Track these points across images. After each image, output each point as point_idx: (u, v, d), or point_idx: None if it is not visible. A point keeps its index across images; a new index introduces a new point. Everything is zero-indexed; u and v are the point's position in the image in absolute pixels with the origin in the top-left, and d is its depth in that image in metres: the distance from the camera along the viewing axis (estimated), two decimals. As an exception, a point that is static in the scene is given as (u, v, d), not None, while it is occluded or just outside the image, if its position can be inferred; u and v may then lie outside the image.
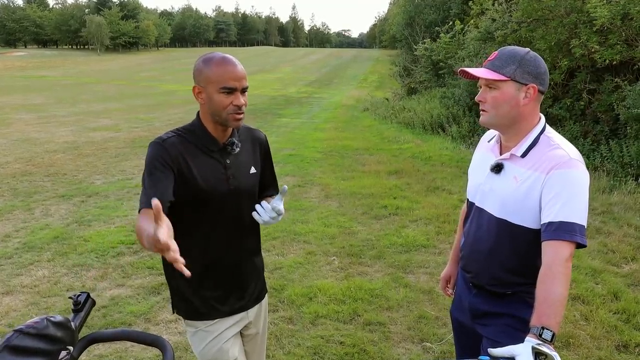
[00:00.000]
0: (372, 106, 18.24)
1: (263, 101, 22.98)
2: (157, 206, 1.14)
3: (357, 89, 31.20)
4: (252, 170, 1.77)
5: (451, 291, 2.01)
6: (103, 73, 46.41)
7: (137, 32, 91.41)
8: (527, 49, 1.53)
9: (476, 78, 1.55)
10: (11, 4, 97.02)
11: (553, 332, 1.24)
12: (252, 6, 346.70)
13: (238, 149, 1.71)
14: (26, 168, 8.30)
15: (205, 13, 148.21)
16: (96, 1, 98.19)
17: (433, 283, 3.95)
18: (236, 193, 1.70)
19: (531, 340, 1.21)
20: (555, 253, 1.38)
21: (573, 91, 8.39)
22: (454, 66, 12.34)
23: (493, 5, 10.56)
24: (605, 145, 7.21)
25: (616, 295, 3.68)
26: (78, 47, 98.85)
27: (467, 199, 1.78)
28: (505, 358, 1.18)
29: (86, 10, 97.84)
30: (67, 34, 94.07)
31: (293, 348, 3.08)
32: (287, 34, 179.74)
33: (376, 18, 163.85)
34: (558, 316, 1.28)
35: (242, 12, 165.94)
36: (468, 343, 1.83)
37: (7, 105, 19.50)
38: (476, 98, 1.58)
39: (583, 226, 1.40)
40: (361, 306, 3.60)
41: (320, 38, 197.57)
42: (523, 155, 1.54)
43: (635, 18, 6.96)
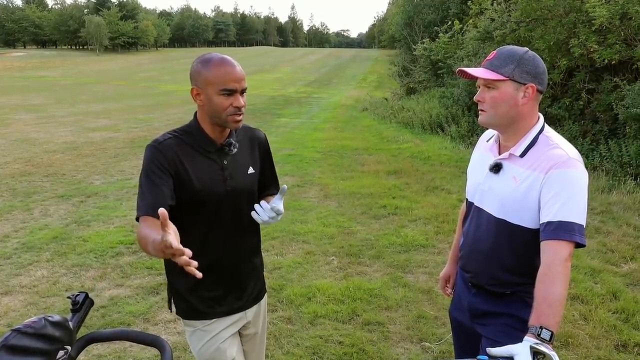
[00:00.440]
0: (371, 106, 18.24)
1: (262, 101, 22.98)
2: (164, 214, 1.15)
3: (356, 89, 31.20)
4: (250, 170, 1.76)
5: (450, 291, 2.01)
6: (102, 73, 46.39)
7: (136, 33, 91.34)
8: (526, 49, 1.53)
9: (475, 78, 1.55)
10: (10, 5, 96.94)
11: (552, 332, 1.24)
12: (251, 6, 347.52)
13: (236, 150, 1.70)
14: (25, 168, 8.29)
15: (204, 13, 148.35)
16: (95, 1, 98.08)
17: (432, 283, 3.95)
18: (234, 193, 1.70)
19: (530, 339, 1.21)
20: (554, 253, 1.37)
21: (572, 91, 8.39)
22: (453, 66, 12.34)
23: (492, 5, 10.56)
24: (604, 144, 7.22)
25: (615, 294, 3.68)
26: (77, 48, 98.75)
27: (466, 199, 1.78)
28: (503, 357, 1.18)
29: (85, 10, 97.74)
30: (66, 35, 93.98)
31: (292, 348, 3.08)
32: (286, 34, 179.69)
33: (375, 18, 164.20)
34: (557, 316, 1.28)
35: (241, 12, 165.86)
36: (467, 343, 1.83)
37: (6, 105, 19.48)
38: (475, 98, 1.58)
39: (582, 226, 1.40)
40: (360, 306, 3.60)
41: (319, 38, 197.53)
42: (522, 154, 1.53)
43: (634, 18, 6.96)
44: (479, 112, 1.58)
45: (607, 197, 6.02)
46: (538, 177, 1.47)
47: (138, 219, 1.55)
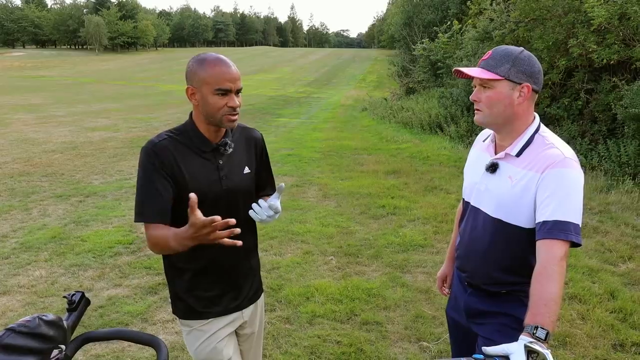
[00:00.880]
0: (371, 106, 18.26)
1: (262, 101, 22.99)
2: (194, 199, 1.32)
3: (356, 89, 31.23)
4: (246, 170, 1.76)
5: (447, 290, 2.01)
6: (101, 73, 46.36)
7: (136, 32, 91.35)
8: (521, 48, 1.53)
9: (471, 77, 1.55)
10: (9, 4, 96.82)
11: (547, 331, 1.24)
12: (251, 6, 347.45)
13: (231, 149, 1.70)
14: (24, 168, 8.29)
15: (203, 13, 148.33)
16: (94, 1, 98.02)
17: (430, 282, 3.95)
18: (230, 193, 1.70)
19: (525, 338, 1.21)
20: (549, 252, 1.37)
21: (571, 91, 8.40)
22: (452, 66, 12.33)
23: (491, 5, 10.57)
24: (602, 144, 7.22)
25: (613, 294, 3.68)
26: (76, 47, 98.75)
27: (463, 199, 1.78)
28: (499, 356, 1.18)
29: (84, 10, 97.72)
30: (66, 34, 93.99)
31: (290, 347, 3.08)
32: (286, 34, 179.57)
33: (375, 18, 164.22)
34: (553, 315, 1.28)
35: (241, 12, 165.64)
36: (464, 342, 1.83)
37: (6, 105, 19.48)
38: (470, 97, 1.59)
39: (578, 225, 1.40)
40: (358, 306, 3.61)
41: (318, 38, 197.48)
42: (518, 154, 1.54)
43: (632, 18, 6.96)
44: (475, 112, 1.58)
45: (606, 197, 6.02)
46: (534, 177, 1.47)
47: (137, 221, 1.60)
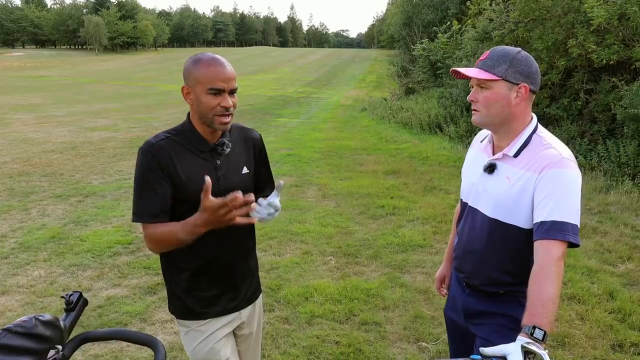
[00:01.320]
0: (370, 106, 18.26)
1: (261, 101, 22.99)
2: (208, 182, 1.39)
3: (355, 89, 31.24)
4: (245, 170, 1.76)
5: (446, 291, 2.02)
6: (101, 73, 46.36)
7: (135, 33, 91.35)
8: (519, 49, 1.53)
9: (468, 78, 1.55)
10: (9, 4, 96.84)
11: (544, 332, 1.24)
12: (251, 6, 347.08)
13: (229, 149, 1.70)
14: (23, 168, 8.29)
15: (203, 13, 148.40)
16: (94, 1, 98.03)
17: (429, 283, 3.95)
18: (227, 193, 1.69)
19: (522, 339, 1.21)
20: (547, 252, 1.37)
21: (570, 91, 8.40)
22: (452, 66, 12.33)
23: (490, 5, 10.57)
24: (602, 145, 7.22)
25: (612, 294, 3.68)
26: (76, 47, 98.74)
27: (461, 199, 1.78)
28: (496, 357, 1.18)
29: (84, 10, 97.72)
30: (65, 34, 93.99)
31: (289, 348, 3.08)
32: (286, 34, 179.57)
33: (374, 18, 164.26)
34: (550, 315, 1.28)
35: (240, 12, 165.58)
36: (462, 342, 1.83)
37: (5, 105, 19.48)
38: (468, 98, 1.59)
39: (576, 225, 1.40)
40: (357, 306, 3.61)
41: (318, 38, 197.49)
42: (515, 155, 1.54)
43: (632, 18, 6.97)
44: (473, 112, 1.58)
45: (605, 197, 6.02)
46: (531, 177, 1.47)
47: (135, 221, 1.61)
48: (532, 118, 1.57)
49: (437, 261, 4.35)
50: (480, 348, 1.23)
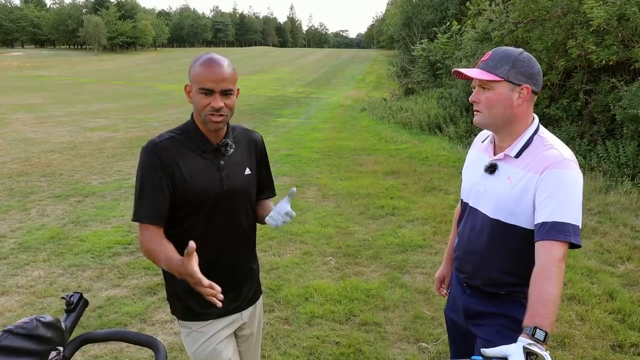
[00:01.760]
0: (370, 106, 18.26)
1: (261, 101, 22.99)
2: (192, 247, 1.37)
3: (355, 90, 31.25)
4: (247, 171, 1.76)
5: (445, 291, 2.01)
6: (100, 73, 46.35)
7: (135, 32, 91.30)
8: (521, 50, 1.53)
9: (470, 78, 1.55)
10: (8, 4, 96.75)
11: (546, 332, 1.24)
12: (250, 6, 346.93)
13: (232, 150, 1.70)
14: (23, 168, 8.28)
15: (203, 13, 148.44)
16: (94, 1, 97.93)
17: (429, 283, 3.95)
18: (230, 194, 1.70)
19: (523, 340, 1.21)
20: (548, 253, 1.37)
21: (570, 92, 8.41)
22: (451, 67, 12.35)
23: (490, 5, 10.57)
24: (601, 145, 7.23)
25: (612, 295, 3.68)
26: (75, 47, 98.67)
27: (461, 199, 1.78)
28: (497, 358, 1.18)
29: (84, 10, 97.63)
30: (65, 34, 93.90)
31: (289, 348, 3.08)
32: (285, 34, 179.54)
33: (374, 18, 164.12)
34: (551, 316, 1.28)
35: (240, 12, 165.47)
36: (462, 343, 1.83)
37: (4, 105, 19.46)
38: (470, 98, 1.59)
39: (577, 226, 1.40)
40: (357, 306, 3.60)
41: (318, 38, 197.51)
42: (517, 155, 1.54)
43: (631, 19, 6.97)
44: (474, 113, 1.58)
45: (605, 198, 6.02)
46: (533, 178, 1.47)
47: (134, 220, 1.63)
48: (534, 119, 1.57)
49: (437, 261, 4.35)
50: (481, 349, 1.23)
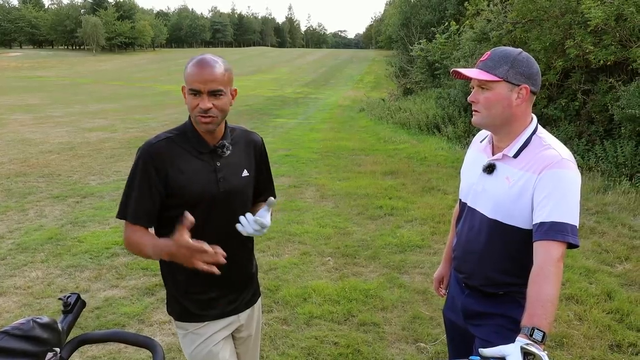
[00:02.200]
0: (368, 107, 18.26)
1: (259, 102, 22.99)
2: (190, 219, 1.40)
3: (354, 90, 31.25)
4: (245, 173, 1.75)
5: (444, 291, 2.01)
6: (99, 73, 46.30)
7: (133, 33, 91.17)
8: (520, 50, 1.53)
9: (469, 78, 1.55)
10: (6, 4, 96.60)
11: (544, 332, 1.24)
12: (249, 7, 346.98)
13: (229, 152, 1.69)
14: (21, 169, 8.26)
15: (201, 13, 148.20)
16: (92, 1, 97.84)
17: (428, 283, 3.95)
18: (227, 195, 1.68)
19: (521, 340, 1.21)
20: (546, 253, 1.37)
21: (568, 91, 8.42)
22: (450, 67, 12.37)
23: (488, 6, 10.59)
24: (599, 145, 7.24)
25: (610, 295, 3.69)
26: (74, 48, 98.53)
27: (459, 199, 1.78)
28: (495, 358, 1.18)
29: (82, 10, 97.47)
30: (63, 35, 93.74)
31: (287, 349, 3.07)
32: (284, 35, 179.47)
33: (372, 19, 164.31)
34: (549, 316, 1.28)
35: (239, 13, 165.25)
36: (461, 343, 1.83)
37: (2, 105, 19.42)
38: (468, 98, 1.58)
39: (575, 226, 1.40)
40: (356, 307, 3.60)
41: (316, 39, 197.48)
42: (515, 155, 1.54)
43: (629, 19, 6.98)
44: (473, 113, 1.58)
45: (603, 198, 6.03)
46: (531, 178, 1.47)
47: (118, 217, 1.66)
48: (533, 119, 1.57)
49: (436, 261, 4.35)
50: (479, 349, 1.23)
